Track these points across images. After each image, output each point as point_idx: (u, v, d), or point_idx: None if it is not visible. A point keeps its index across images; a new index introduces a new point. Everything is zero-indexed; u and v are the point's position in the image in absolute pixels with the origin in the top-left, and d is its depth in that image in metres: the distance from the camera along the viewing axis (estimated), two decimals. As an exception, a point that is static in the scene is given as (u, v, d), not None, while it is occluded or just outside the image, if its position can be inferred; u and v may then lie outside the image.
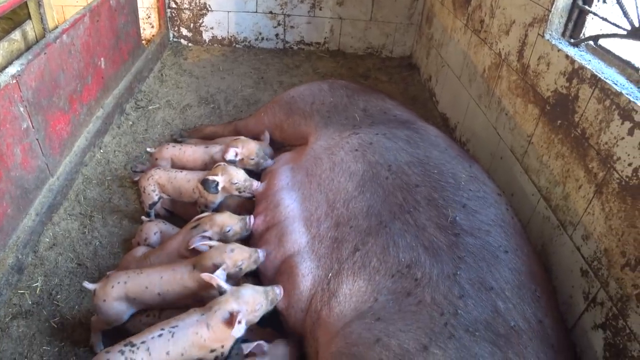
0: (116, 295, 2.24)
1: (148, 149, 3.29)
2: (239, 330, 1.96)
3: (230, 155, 3.03)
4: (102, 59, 3.81)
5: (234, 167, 2.87)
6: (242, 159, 3.08)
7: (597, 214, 2.16)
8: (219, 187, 2.78)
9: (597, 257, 2.14)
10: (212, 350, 2.00)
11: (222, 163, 2.94)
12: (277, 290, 2.18)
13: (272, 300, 2.15)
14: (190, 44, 5.84)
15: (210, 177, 2.76)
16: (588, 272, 2.19)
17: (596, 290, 2.12)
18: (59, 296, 2.61)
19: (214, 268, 2.22)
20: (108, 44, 3.94)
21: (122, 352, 1.92)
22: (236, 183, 2.80)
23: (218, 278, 2.11)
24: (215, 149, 3.17)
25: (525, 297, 1.92)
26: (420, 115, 3.98)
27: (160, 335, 1.98)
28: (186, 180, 2.91)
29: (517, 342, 1.75)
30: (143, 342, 1.97)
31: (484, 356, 1.68)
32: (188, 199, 2.95)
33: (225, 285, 2.10)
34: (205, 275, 2.11)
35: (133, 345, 1.96)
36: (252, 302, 2.07)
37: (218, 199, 2.88)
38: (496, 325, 1.77)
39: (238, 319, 1.95)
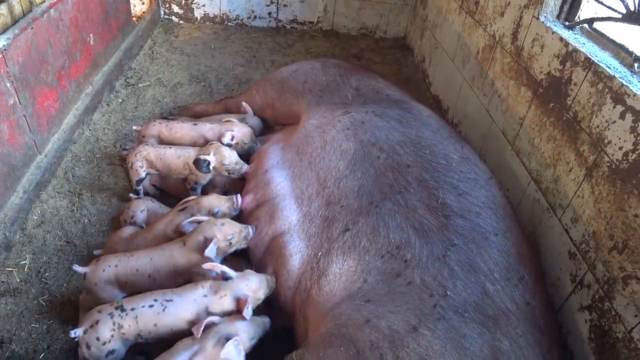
0: (107, 279, 2.23)
1: (134, 127, 3.25)
2: (249, 314, 1.97)
3: (227, 139, 3.00)
4: (91, 34, 3.74)
5: (227, 148, 2.85)
6: (237, 143, 3.06)
7: (586, 197, 2.17)
8: (211, 167, 2.77)
9: (586, 240, 2.15)
10: None
11: (215, 142, 2.91)
12: (274, 278, 2.20)
13: (271, 287, 2.16)
14: (181, 22, 5.74)
15: (202, 157, 2.74)
16: (576, 254, 2.21)
17: (583, 273, 2.14)
18: (47, 274, 2.59)
19: (204, 242, 2.22)
20: (97, 20, 3.86)
21: (112, 316, 1.97)
22: (227, 164, 2.79)
23: (220, 265, 2.10)
24: (205, 127, 3.14)
25: (514, 279, 1.94)
26: (413, 97, 3.97)
27: (151, 306, 1.99)
28: (176, 157, 2.88)
29: (505, 324, 1.77)
30: (133, 309, 1.99)
31: (473, 337, 1.69)
32: (178, 175, 2.92)
33: (230, 271, 2.09)
34: (208, 265, 2.10)
35: (123, 310, 1.98)
36: (258, 289, 2.08)
37: (208, 176, 2.87)
38: (485, 307, 1.78)
39: (248, 305, 1.98)
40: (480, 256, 1.94)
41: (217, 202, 2.51)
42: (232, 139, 3.02)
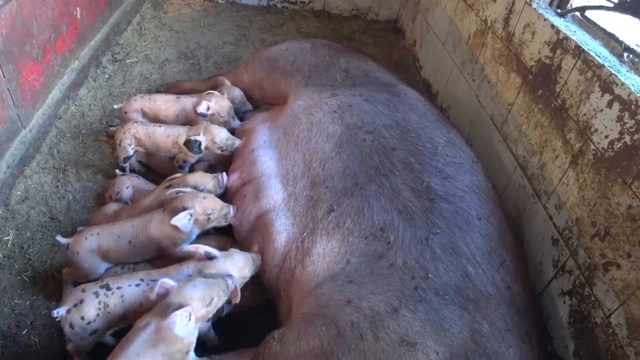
0: (89, 247, 2.23)
1: (115, 106, 3.19)
2: (237, 296, 1.97)
3: (202, 108, 2.98)
4: (77, 8, 3.66)
5: (216, 125, 2.84)
6: (213, 115, 3.03)
7: (571, 184, 2.18)
8: (202, 147, 2.75)
9: (569, 226, 2.17)
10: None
11: (205, 122, 2.90)
12: (259, 257, 2.20)
13: (257, 266, 2.16)
14: (171, -3, 5.66)
15: (193, 138, 2.72)
16: (559, 240, 2.22)
17: (565, 259, 2.16)
18: (30, 250, 2.58)
19: (182, 210, 2.21)
20: (84, -7, 3.79)
21: (97, 295, 1.94)
22: (219, 142, 2.77)
23: (204, 246, 2.10)
24: (187, 101, 3.11)
25: (495, 263, 1.95)
26: (403, 81, 3.95)
27: (137, 285, 1.98)
28: (165, 136, 2.86)
29: (485, 307, 1.79)
30: (119, 288, 1.97)
31: (453, 319, 1.71)
32: (166, 153, 2.90)
33: (214, 251, 2.08)
34: (191, 247, 2.09)
35: (109, 288, 1.96)
36: (244, 267, 2.08)
37: (198, 155, 2.86)
38: (466, 290, 1.80)
39: (237, 284, 1.97)
40: (462, 240, 1.95)
41: (202, 179, 2.51)
42: (208, 109, 3.00)
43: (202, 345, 2.25)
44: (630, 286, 1.78)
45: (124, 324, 2.02)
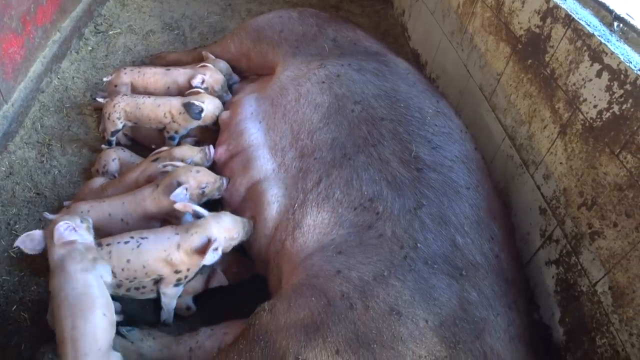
0: None
1: (104, 79, 3.13)
2: (211, 258, 1.96)
3: (197, 81, 2.94)
4: (57, -23, 3.56)
5: (215, 98, 2.86)
6: (207, 88, 2.99)
7: (559, 154, 2.19)
8: (202, 114, 2.74)
9: (556, 196, 2.18)
10: (177, 272, 2.00)
11: (202, 91, 2.90)
12: (252, 223, 2.18)
13: (247, 231, 2.15)
14: (154, -35, 5.49)
15: (197, 102, 2.70)
16: (546, 210, 2.24)
17: (552, 228, 2.18)
18: (17, 226, 2.55)
19: (177, 186, 2.20)
20: (64, -39, 3.67)
21: None
22: (218, 114, 2.81)
23: (192, 205, 2.09)
24: (177, 72, 3.06)
25: (483, 232, 1.96)
26: (391, 50, 3.89)
27: (126, 242, 1.99)
28: (156, 105, 2.82)
29: (473, 275, 1.80)
30: (108, 245, 1.98)
31: (442, 287, 1.72)
32: (157, 124, 2.86)
33: (202, 210, 2.08)
34: (179, 205, 2.08)
35: (99, 245, 1.97)
36: (232, 229, 2.06)
37: (191, 125, 2.84)
38: (454, 259, 1.81)
39: (214, 246, 1.95)
40: (451, 209, 1.96)
41: (189, 152, 2.48)
42: (202, 82, 2.97)
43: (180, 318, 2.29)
44: (615, 255, 1.80)
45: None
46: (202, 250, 1.95)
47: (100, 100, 2.91)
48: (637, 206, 1.74)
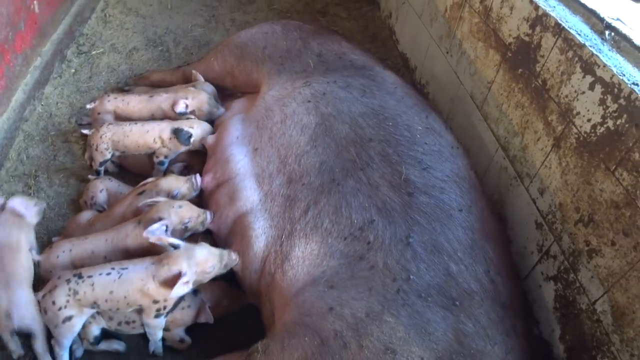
0: (62, 264, 2.17)
1: (88, 106, 3.04)
2: (179, 291, 1.92)
3: (180, 108, 2.87)
4: (34, 1, 3.45)
5: (204, 122, 2.83)
6: (194, 111, 2.92)
7: (554, 168, 2.13)
8: (192, 140, 2.71)
9: (552, 211, 2.12)
10: (155, 302, 1.98)
11: (192, 116, 2.88)
12: (233, 256, 2.12)
13: (226, 264, 2.09)
14: (135, -22, 5.40)
15: (186, 128, 2.67)
16: (542, 225, 2.19)
17: (549, 244, 2.13)
18: (6, 262, 2.48)
19: (158, 221, 2.15)
20: (40, -17, 3.59)
21: (69, 282, 1.97)
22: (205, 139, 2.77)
23: (167, 236, 2.05)
24: (160, 98, 2.99)
25: (477, 256, 1.91)
26: (380, 56, 3.84)
27: (108, 274, 1.98)
28: (145, 131, 2.75)
29: (468, 305, 1.75)
30: (90, 277, 1.98)
31: (437, 321, 1.67)
32: (146, 150, 2.80)
33: (177, 242, 2.04)
34: (154, 238, 2.03)
35: (81, 277, 1.98)
36: (204, 263, 2.00)
37: (181, 150, 2.79)
38: (448, 289, 1.76)
39: (184, 280, 1.91)
40: (443, 235, 1.90)
41: (176, 183, 2.42)
42: (186, 107, 2.90)
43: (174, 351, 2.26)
44: (614, 274, 1.75)
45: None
46: (172, 283, 1.92)
47: (85, 132, 2.84)
48: (634, 225, 1.69)
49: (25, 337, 2.09)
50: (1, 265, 2.09)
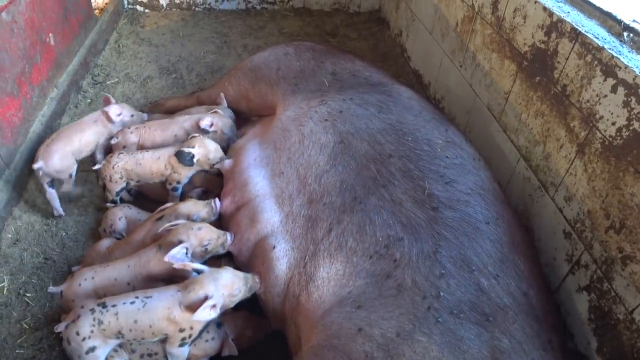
0: (84, 293, 2.14)
1: (112, 142, 2.97)
2: (206, 315, 1.89)
3: (205, 123, 2.87)
4: (50, 34, 3.54)
5: (208, 139, 2.75)
6: (216, 131, 2.93)
7: (579, 175, 2.08)
8: (195, 160, 2.67)
9: (581, 219, 2.07)
10: (181, 330, 1.94)
11: (197, 135, 2.79)
12: (257, 279, 2.09)
13: (251, 287, 2.06)
14: (146, 10, 5.50)
15: (186, 149, 2.63)
16: (571, 234, 2.13)
17: (580, 253, 2.07)
18: (28, 295, 2.48)
19: (178, 244, 2.13)
20: (55, 18, 3.66)
21: (93, 311, 1.93)
22: (212, 158, 2.70)
23: (189, 261, 2.03)
24: (182, 119, 3.00)
25: (508, 270, 1.85)
26: (393, 73, 3.82)
27: (132, 303, 1.95)
28: (155, 158, 2.73)
29: (502, 320, 1.69)
30: (114, 306, 1.94)
31: (470, 338, 1.61)
32: (160, 177, 2.77)
33: (201, 267, 2.02)
34: (178, 265, 2.02)
35: (105, 306, 1.94)
36: (231, 286, 1.98)
37: (190, 173, 2.75)
38: (481, 305, 1.70)
39: (210, 303, 1.88)
40: (472, 249, 1.85)
41: (195, 208, 2.40)
42: (211, 125, 2.90)
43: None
44: (652, 281, 1.69)
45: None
46: (195, 308, 1.89)
47: (95, 167, 2.83)
48: (670, 229, 1.63)
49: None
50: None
